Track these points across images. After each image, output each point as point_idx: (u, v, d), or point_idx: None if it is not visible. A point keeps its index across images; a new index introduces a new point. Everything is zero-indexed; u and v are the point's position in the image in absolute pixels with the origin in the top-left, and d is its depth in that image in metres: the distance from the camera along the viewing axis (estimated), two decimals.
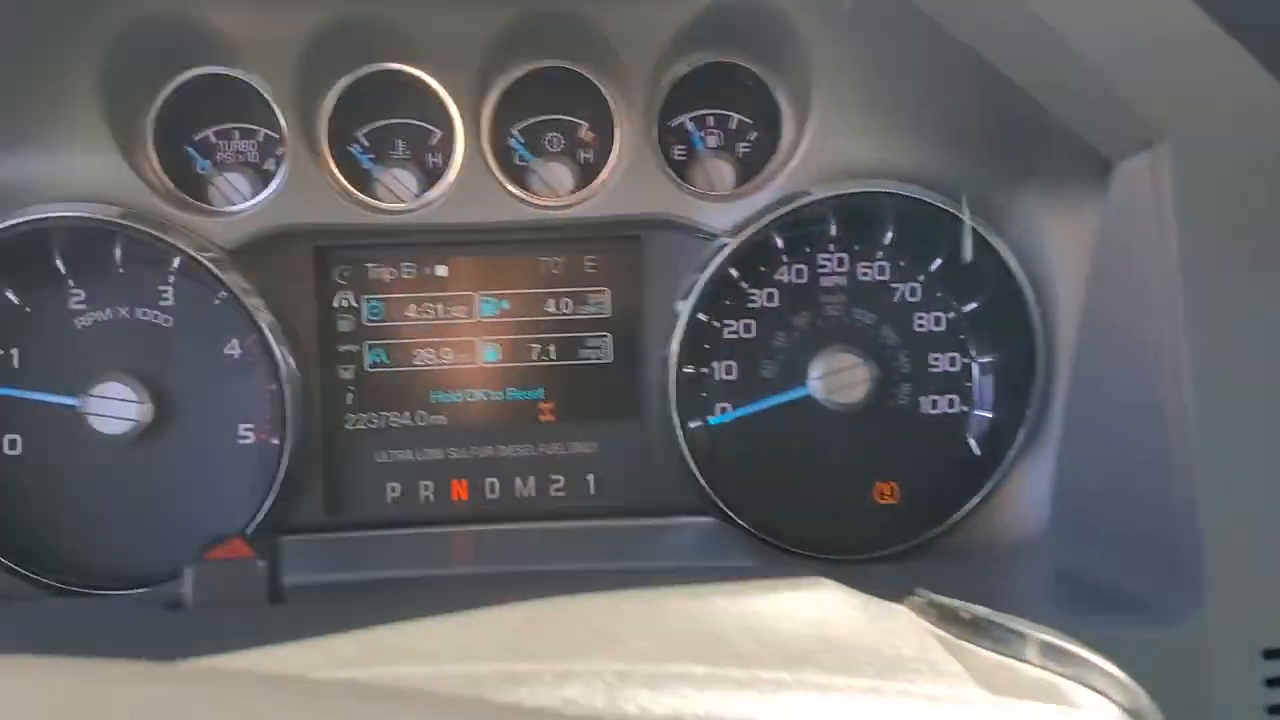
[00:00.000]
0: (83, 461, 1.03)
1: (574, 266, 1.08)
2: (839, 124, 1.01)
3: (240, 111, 1.05)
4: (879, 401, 1.06)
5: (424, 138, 1.07)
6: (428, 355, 1.08)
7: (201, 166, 1.05)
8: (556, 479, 1.09)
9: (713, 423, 1.07)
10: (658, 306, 1.08)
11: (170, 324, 1.04)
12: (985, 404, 1.09)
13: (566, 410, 1.09)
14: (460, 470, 1.08)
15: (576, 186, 1.06)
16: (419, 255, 1.07)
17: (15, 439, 1.03)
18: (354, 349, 1.07)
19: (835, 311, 1.08)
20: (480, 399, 1.08)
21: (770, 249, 1.06)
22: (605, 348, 1.09)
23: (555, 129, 1.08)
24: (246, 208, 1.03)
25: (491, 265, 1.08)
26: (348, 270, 1.07)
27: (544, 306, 1.08)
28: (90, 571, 1.02)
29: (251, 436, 1.05)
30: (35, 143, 0.97)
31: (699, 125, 1.08)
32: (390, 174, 1.05)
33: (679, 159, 1.08)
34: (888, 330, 1.09)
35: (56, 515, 1.03)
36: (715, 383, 1.07)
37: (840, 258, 1.09)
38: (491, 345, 1.08)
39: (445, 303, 1.08)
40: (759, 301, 1.08)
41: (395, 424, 1.08)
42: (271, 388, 1.02)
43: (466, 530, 1.06)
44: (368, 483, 1.08)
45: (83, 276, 1.03)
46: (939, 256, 1.08)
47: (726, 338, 1.07)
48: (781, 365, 1.07)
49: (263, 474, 1.03)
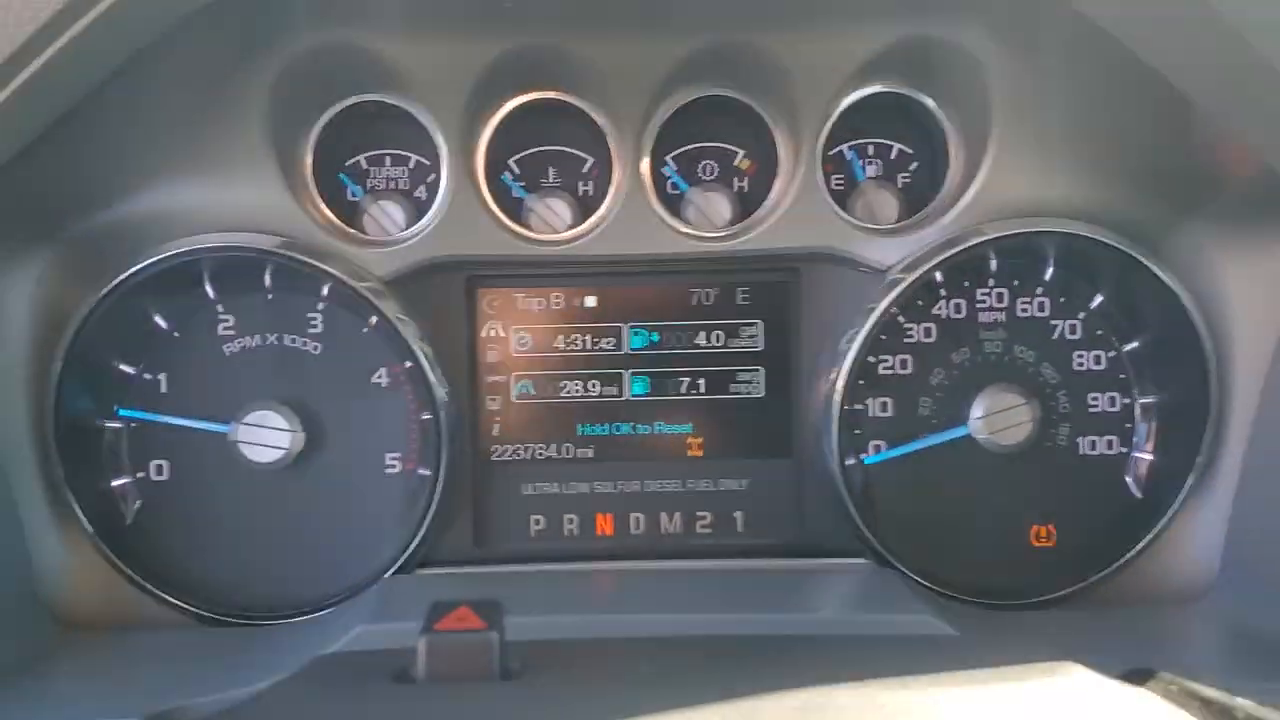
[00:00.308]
0: (231, 488, 1.02)
1: (726, 298, 1.05)
2: (1016, 161, 0.98)
3: (392, 138, 1.03)
4: (1037, 441, 1.03)
5: (576, 165, 1.05)
6: (575, 387, 1.06)
7: (354, 193, 1.04)
8: (704, 515, 1.06)
9: (867, 461, 1.04)
10: (812, 340, 1.05)
11: (319, 351, 1.02)
12: (1146, 445, 1.05)
13: (715, 445, 1.06)
14: (606, 504, 1.06)
15: (734, 217, 1.03)
16: (568, 285, 1.05)
17: (163, 464, 1.02)
18: (501, 379, 1.05)
19: (994, 348, 1.05)
20: (627, 432, 1.06)
21: (930, 284, 1.03)
22: (757, 382, 1.06)
23: (709, 156, 1.05)
24: (404, 238, 1.01)
25: (641, 296, 1.05)
26: (497, 300, 1.05)
27: (694, 339, 1.06)
28: (234, 599, 1.01)
29: (398, 466, 1.03)
30: (199, 171, 0.96)
31: (859, 155, 1.05)
32: (544, 203, 1.03)
33: (836, 189, 1.05)
34: (1048, 368, 1.05)
35: (203, 542, 1.02)
36: (871, 420, 1.04)
37: (1000, 293, 1.05)
38: (640, 378, 1.06)
39: (594, 334, 1.05)
40: (916, 337, 1.05)
41: (541, 455, 1.06)
42: (424, 417, 1.01)
43: (613, 568, 1.04)
44: (513, 515, 1.06)
45: (232, 302, 1.02)
46: (1101, 293, 1.05)
47: (882, 373, 1.04)
48: (939, 403, 1.04)
49: (409, 504, 1.02)
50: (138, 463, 1.02)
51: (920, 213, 1.04)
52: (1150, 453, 1.05)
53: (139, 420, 1.01)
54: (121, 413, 1.01)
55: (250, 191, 0.97)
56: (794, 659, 0.65)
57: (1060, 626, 0.99)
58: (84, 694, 0.83)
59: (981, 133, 0.98)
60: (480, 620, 0.57)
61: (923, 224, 1.02)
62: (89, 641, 0.96)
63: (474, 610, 0.57)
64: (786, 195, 1.01)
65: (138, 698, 0.78)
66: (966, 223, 1.00)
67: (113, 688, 0.85)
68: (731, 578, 1.02)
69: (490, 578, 1.02)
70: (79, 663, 0.91)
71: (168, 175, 0.96)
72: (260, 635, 0.96)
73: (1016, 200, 1.00)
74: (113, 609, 1.00)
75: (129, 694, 0.81)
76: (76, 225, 0.96)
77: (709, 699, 0.52)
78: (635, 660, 0.60)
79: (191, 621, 1.01)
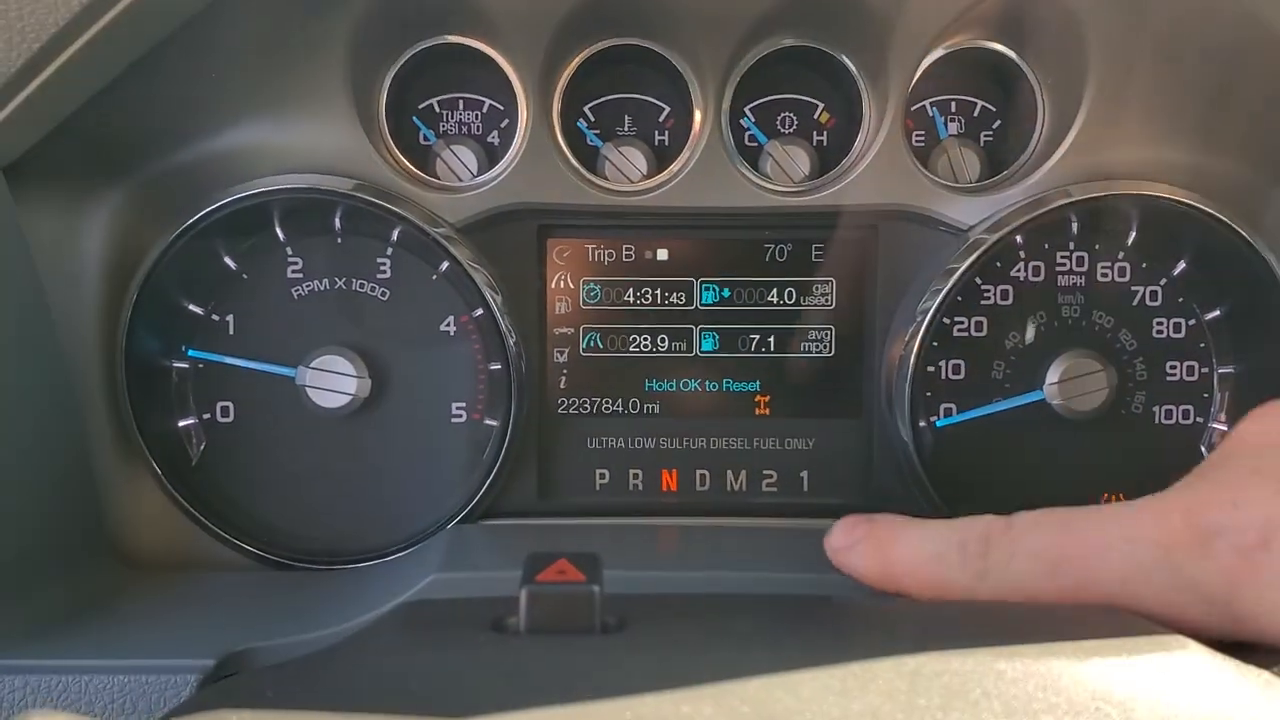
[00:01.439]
0: (295, 433, 1.02)
1: (801, 254, 1.03)
2: (1108, 122, 0.95)
3: (466, 82, 1.02)
4: (1112, 409, 1.01)
5: (653, 114, 1.03)
6: (643, 341, 1.04)
7: (427, 137, 1.02)
8: (769, 474, 1.05)
9: (939, 425, 1.03)
10: (884, 299, 1.03)
11: (386, 297, 1.01)
12: (1223, 416, 1.03)
13: (783, 404, 1.05)
14: (671, 460, 1.05)
15: (812, 171, 1.01)
16: (638, 238, 1.03)
17: (229, 406, 1.02)
18: (569, 331, 1.04)
19: (1071, 313, 1.03)
20: (694, 389, 1.05)
21: (1009, 246, 1.00)
22: (827, 341, 1.04)
23: (788, 109, 1.03)
24: (477, 184, 0.99)
25: (713, 250, 1.03)
26: (567, 250, 1.03)
27: (766, 296, 1.04)
28: (297, 543, 1.01)
29: (464, 416, 1.02)
30: (274, 112, 0.94)
31: (941, 111, 1.03)
32: (618, 152, 1.01)
33: (917, 145, 1.03)
34: (1125, 335, 1.03)
35: (266, 485, 1.02)
36: (943, 383, 1.03)
37: (1080, 256, 1.03)
38: (710, 334, 1.04)
39: (664, 288, 1.04)
40: (992, 299, 1.03)
41: (607, 410, 1.05)
42: (494, 367, 1.00)
43: (678, 524, 1.03)
44: (578, 468, 1.05)
45: (301, 246, 1.01)
46: (1184, 260, 1.02)
47: (956, 335, 1.02)
48: (1013, 367, 1.02)
49: (475, 454, 1.01)
50: (203, 404, 1.01)
51: (1004, 172, 1.01)
52: (1227, 423, 1.03)
53: (206, 361, 1.01)
54: (190, 353, 1.00)
55: (324, 133, 0.95)
56: (887, 622, 0.64)
57: None
58: (153, 634, 0.83)
59: (1075, 93, 0.95)
60: (580, 573, 0.56)
61: (1006, 184, 1.00)
62: (156, 582, 0.96)
63: (573, 563, 0.57)
64: (868, 151, 0.99)
65: (207, 638, 0.79)
66: (1051, 184, 0.97)
67: (181, 628, 0.86)
68: (797, 537, 1.01)
69: (555, 530, 1.01)
70: (147, 603, 0.91)
71: (243, 116, 0.94)
72: (326, 580, 0.96)
73: (1104, 162, 0.97)
74: (179, 550, 1.00)
75: (198, 634, 0.81)
76: (151, 166, 0.95)
77: (814, 661, 0.51)
78: (732, 617, 0.59)
79: (255, 564, 1.01)
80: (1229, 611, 0.59)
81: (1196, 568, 0.60)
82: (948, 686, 0.48)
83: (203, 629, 0.84)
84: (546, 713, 0.46)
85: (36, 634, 0.79)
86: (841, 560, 0.76)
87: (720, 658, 0.52)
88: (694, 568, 0.88)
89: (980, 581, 0.67)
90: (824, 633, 0.60)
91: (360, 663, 0.56)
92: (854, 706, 0.47)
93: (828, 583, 0.84)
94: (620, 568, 0.77)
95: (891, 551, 0.72)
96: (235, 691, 0.63)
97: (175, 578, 0.98)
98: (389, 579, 0.86)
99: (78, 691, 0.73)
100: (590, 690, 0.48)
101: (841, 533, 0.76)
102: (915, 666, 0.50)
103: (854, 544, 0.75)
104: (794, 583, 0.84)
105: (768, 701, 0.47)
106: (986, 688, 0.48)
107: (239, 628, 0.81)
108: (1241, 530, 0.58)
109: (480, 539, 0.96)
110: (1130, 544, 0.62)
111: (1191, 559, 0.60)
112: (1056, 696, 0.48)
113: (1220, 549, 0.59)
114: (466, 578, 0.81)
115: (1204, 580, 0.59)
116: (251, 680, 0.64)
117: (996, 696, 0.47)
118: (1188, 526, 0.60)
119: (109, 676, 0.74)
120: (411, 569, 0.85)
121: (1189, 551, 0.60)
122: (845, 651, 0.52)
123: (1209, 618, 0.60)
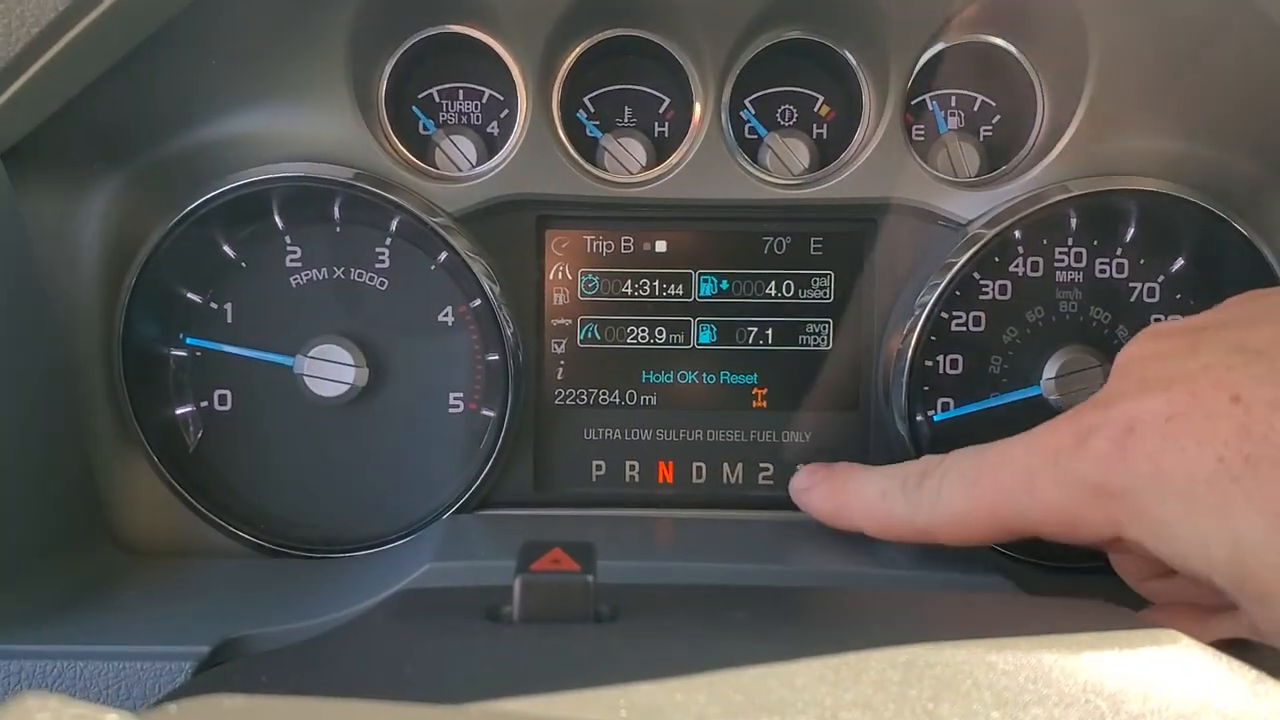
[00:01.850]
0: (292, 422, 1.02)
1: (799, 247, 1.03)
2: (1108, 118, 0.95)
3: (466, 72, 1.01)
4: None
5: (653, 106, 1.03)
6: (641, 333, 1.04)
7: (426, 127, 1.02)
8: (766, 467, 1.05)
9: (936, 419, 1.03)
10: (883, 293, 1.03)
11: (385, 287, 1.01)
12: None
13: (780, 397, 1.05)
14: (668, 452, 1.05)
15: (812, 164, 1.01)
16: (637, 229, 1.03)
17: (226, 394, 1.02)
18: (566, 323, 1.04)
19: (1069, 308, 1.03)
20: (692, 381, 1.05)
21: (1007, 240, 1.00)
22: (825, 334, 1.04)
23: (789, 101, 1.03)
24: (476, 174, 0.99)
25: (712, 242, 1.04)
26: (565, 241, 1.03)
27: (765, 288, 1.04)
28: (294, 532, 1.01)
29: (461, 406, 1.02)
30: (273, 100, 0.94)
31: (941, 105, 1.03)
32: (618, 144, 1.01)
33: (917, 139, 1.03)
34: (1123, 331, 1.03)
35: (263, 473, 1.02)
36: (940, 377, 1.03)
37: (1078, 252, 1.03)
38: (708, 326, 1.04)
39: (662, 280, 1.04)
40: (991, 294, 1.03)
41: (604, 401, 1.05)
42: (491, 358, 1.00)
43: (674, 516, 1.03)
44: (574, 459, 1.05)
45: (300, 234, 1.01)
46: (1182, 256, 1.02)
47: (954, 330, 1.02)
48: (1011, 362, 1.02)
49: (471, 444, 1.01)
50: (201, 392, 1.01)
51: (1003, 167, 1.01)
52: None
53: (204, 349, 1.01)
54: (188, 341, 1.00)
55: (323, 122, 0.95)
56: (880, 613, 0.64)
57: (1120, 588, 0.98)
58: (149, 620, 0.83)
59: (1075, 87, 0.95)
60: (575, 563, 0.56)
61: (1005, 178, 1.00)
62: (152, 568, 0.96)
63: (567, 552, 0.57)
64: (867, 144, 0.99)
65: (202, 625, 0.79)
66: (1050, 179, 0.98)
67: (177, 614, 0.86)
68: (793, 529, 1.02)
69: (551, 520, 1.01)
70: (143, 589, 0.91)
71: (243, 104, 0.94)
72: (322, 568, 0.96)
73: (1103, 157, 0.97)
74: (176, 537, 1.00)
75: (193, 621, 0.82)
76: (150, 152, 0.95)
77: (807, 651, 0.51)
78: (725, 607, 0.60)
79: (252, 552, 1.01)
80: (1109, 498, 0.67)
81: (1079, 464, 0.68)
82: (939, 677, 0.48)
83: (198, 616, 0.84)
84: (540, 700, 0.46)
85: (32, 619, 0.79)
86: (803, 500, 0.90)
87: (714, 647, 0.53)
88: (689, 559, 0.88)
89: (917, 513, 0.78)
90: (817, 623, 0.60)
91: (355, 650, 0.56)
92: (846, 696, 0.47)
93: (822, 575, 0.85)
94: (615, 558, 0.77)
95: (845, 493, 0.85)
96: (230, 678, 0.63)
97: (171, 564, 0.98)
98: (385, 568, 0.86)
99: (73, 677, 0.73)
100: (584, 678, 0.48)
101: (804, 475, 0.91)
102: (908, 657, 0.50)
103: (813, 485, 0.89)
104: (788, 574, 0.84)
105: (761, 691, 0.47)
106: (978, 679, 0.48)
107: (235, 615, 0.82)
108: (1112, 423, 0.67)
109: (476, 528, 0.96)
110: (1028, 455, 0.72)
111: (1075, 457, 0.68)
112: (1047, 688, 0.48)
113: (1095, 442, 0.68)
114: (462, 567, 0.81)
115: (1086, 473, 0.68)
116: (246, 666, 0.64)
117: (987, 688, 0.48)
118: (1071, 431, 0.70)
119: (104, 662, 0.74)
120: (407, 558, 0.85)
121: (1072, 452, 0.69)
122: (838, 642, 0.52)
123: (1096, 511, 0.68)
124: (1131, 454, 0.66)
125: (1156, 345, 0.72)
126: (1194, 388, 0.65)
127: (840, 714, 0.46)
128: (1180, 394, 0.65)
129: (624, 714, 0.45)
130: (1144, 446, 0.65)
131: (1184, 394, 0.65)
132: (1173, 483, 0.63)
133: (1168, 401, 0.65)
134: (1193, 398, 0.64)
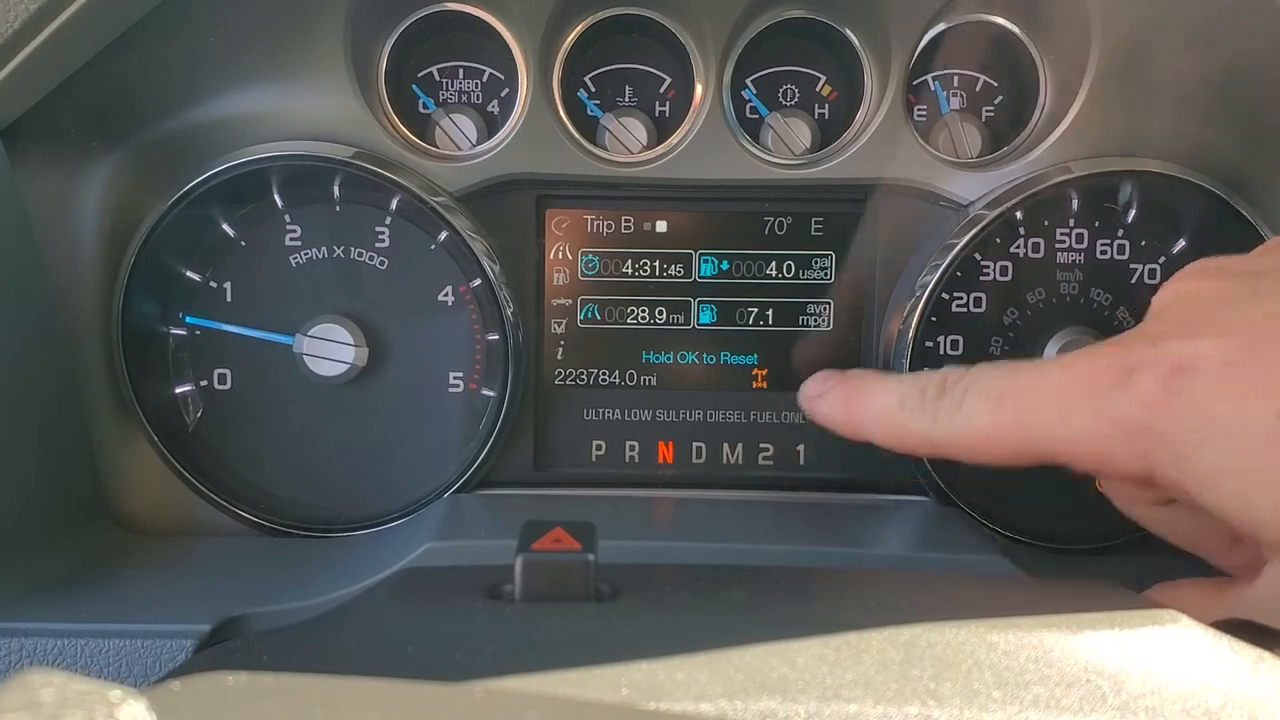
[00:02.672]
0: (292, 401, 1.02)
1: (800, 228, 1.03)
2: (1110, 99, 0.94)
3: (466, 50, 1.01)
4: None
5: (654, 85, 1.02)
6: (641, 313, 1.04)
7: (426, 105, 1.02)
8: (766, 448, 1.05)
9: None
10: (883, 274, 1.03)
11: (385, 266, 1.01)
12: None
13: (780, 377, 1.05)
14: (667, 432, 1.05)
15: (813, 144, 1.01)
16: (638, 209, 1.03)
17: (225, 373, 1.02)
18: (566, 303, 1.04)
19: (1070, 290, 1.02)
20: (692, 361, 1.05)
21: (1008, 221, 1.00)
22: (825, 315, 1.04)
23: (790, 81, 1.03)
24: (477, 153, 0.99)
25: (712, 222, 1.03)
26: (565, 221, 1.03)
27: (765, 269, 1.04)
28: (294, 511, 1.02)
29: (461, 385, 1.02)
30: (273, 78, 0.94)
31: (943, 86, 1.02)
32: (619, 123, 1.00)
33: (919, 120, 1.02)
34: (1123, 312, 1.03)
35: (262, 452, 1.02)
36: (941, 358, 1.02)
37: (1079, 233, 1.02)
38: (708, 306, 1.04)
39: (662, 260, 1.04)
40: (991, 275, 1.02)
41: (604, 381, 1.05)
42: (491, 338, 1.00)
43: (674, 496, 1.03)
44: (574, 439, 1.05)
45: (299, 213, 1.00)
46: (1183, 238, 1.02)
47: (955, 311, 1.02)
48: (1011, 343, 1.02)
49: (471, 424, 1.02)
50: (201, 371, 1.01)
51: (1005, 147, 1.01)
52: None
53: (203, 328, 1.01)
54: (188, 320, 1.00)
55: (323, 101, 0.95)
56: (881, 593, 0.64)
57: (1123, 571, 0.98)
58: (150, 598, 0.83)
59: (1077, 68, 0.95)
60: (575, 542, 0.56)
61: (1007, 159, 0.99)
62: (153, 547, 0.96)
63: (568, 531, 0.57)
64: (869, 125, 0.98)
65: (203, 603, 0.79)
66: (1052, 160, 0.97)
67: (178, 593, 0.86)
68: (792, 510, 1.02)
69: (551, 500, 1.01)
70: (144, 568, 0.91)
71: (242, 82, 0.94)
72: (323, 547, 0.97)
73: (1105, 138, 0.97)
74: (176, 516, 1.01)
75: (194, 599, 0.82)
76: (149, 131, 0.95)
77: (808, 630, 0.51)
78: (725, 587, 0.60)
79: (252, 531, 1.01)
80: (1150, 438, 0.63)
81: (1120, 400, 0.64)
82: (940, 657, 0.48)
83: (199, 594, 0.84)
84: (541, 678, 0.46)
85: (34, 597, 0.79)
86: (813, 407, 0.84)
87: (715, 626, 0.53)
88: (689, 539, 0.88)
89: (934, 426, 0.73)
90: (818, 603, 0.61)
91: (356, 628, 0.56)
92: (848, 675, 0.47)
93: (822, 555, 0.85)
94: (616, 538, 0.77)
95: (858, 400, 0.80)
96: (231, 655, 0.63)
97: (172, 543, 0.98)
98: (385, 547, 0.87)
99: (74, 654, 0.74)
100: (584, 657, 0.48)
101: (815, 382, 0.85)
102: (909, 637, 0.50)
103: (825, 392, 0.83)
104: (789, 554, 0.84)
105: (762, 669, 0.47)
106: (979, 658, 0.48)
107: (235, 593, 0.82)
108: (1159, 362, 0.63)
109: (476, 508, 0.96)
110: (1062, 383, 0.67)
111: (1115, 394, 0.64)
112: (1048, 668, 0.48)
113: (1140, 379, 0.63)
114: (462, 546, 0.82)
115: (1127, 410, 0.63)
116: (248, 644, 0.65)
117: (989, 667, 0.48)
118: (1112, 366, 0.65)
119: (106, 640, 0.74)
120: (407, 537, 0.86)
121: (1112, 387, 0.64)
122: (840, 621, 0.52)
123: (1132, 449, 0.64)
124: (1180, 397, 0.62)
125: (1204, 285, 0.68)
126: (1256, 337, 0.61)
127: (841, 693, 0.46)
128: (1240, 342, 0.61)
129: (625, 692, 0.45)
130: (1195, 392, 0.61)
131: (1245, 342, 0.61)
132: (1224, 433, 0.60)
133: (1225, 347, 0.61)
134: (1254, 347, 0.61)
